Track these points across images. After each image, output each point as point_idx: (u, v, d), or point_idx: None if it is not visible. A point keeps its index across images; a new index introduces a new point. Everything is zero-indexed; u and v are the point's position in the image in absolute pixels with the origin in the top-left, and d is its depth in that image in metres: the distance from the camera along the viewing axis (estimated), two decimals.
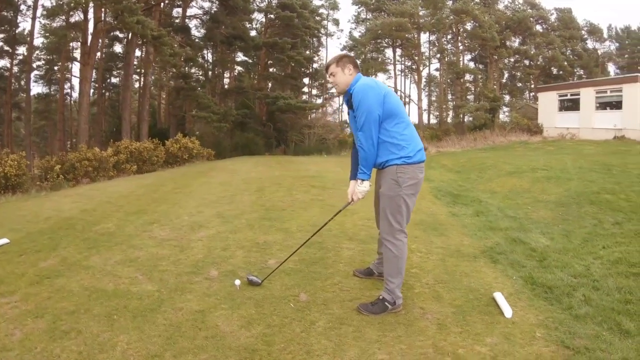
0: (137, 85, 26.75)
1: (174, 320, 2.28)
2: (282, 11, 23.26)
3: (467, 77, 30.77)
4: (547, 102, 20.25)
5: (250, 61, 27.34)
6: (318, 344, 2.08)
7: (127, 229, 4.02)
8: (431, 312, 2.53)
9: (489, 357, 2.07)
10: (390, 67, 31.87)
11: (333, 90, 35.20)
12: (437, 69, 32.73)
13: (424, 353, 2.07)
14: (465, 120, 28.51)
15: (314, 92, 34.17)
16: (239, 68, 29.10)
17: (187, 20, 25.00)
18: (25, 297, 2.56)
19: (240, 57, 27.71)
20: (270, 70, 26.90)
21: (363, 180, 2.51)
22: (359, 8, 32.19)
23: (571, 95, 19.04)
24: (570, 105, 19.26)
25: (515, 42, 29.93)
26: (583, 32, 32.33)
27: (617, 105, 16.73)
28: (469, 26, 27.67)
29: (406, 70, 32.95)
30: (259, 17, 27.54)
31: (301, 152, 20.81)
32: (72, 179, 10.24)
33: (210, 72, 26.40)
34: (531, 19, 28.19)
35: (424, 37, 30.10)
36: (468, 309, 2.59)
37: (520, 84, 33.37)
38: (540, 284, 3.03)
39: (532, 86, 32.18)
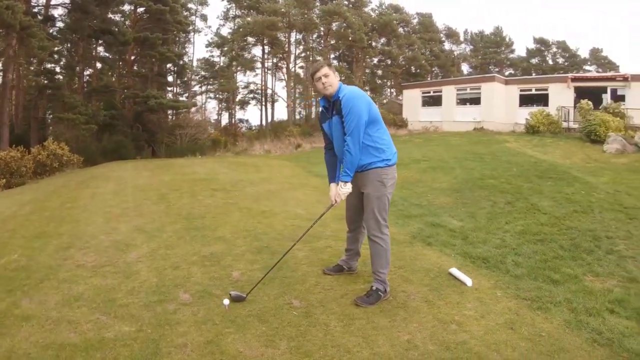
0: None
1: None
2: (154, 4, 21.55)
3: None
4: (412, 98, 23.79)
5: (111, 57, 24.50)
6: (349, 342, 2.22)
7: (41, 259, 3.33)
8: (412, 293, 2.93)
9: (478, 316, 2.58)
10: (258, 64, 32.76)
11: (196, 88, 34.43)
12: (301, 67, 34.86)
13: (434, 325, 2.44)
14: None
15: (177, 90, 32.56)
16: (99, 64, 25.73)
17: (50, 9, 21.12)
18: None
19: (101, 52, 24.67)
20: (136, 67, 24.61)
21: (346, 182, 2.74)
22: (228, 5, 32.01)
23: (434, 92, 22.74)
24: (433, 101, 22.96)
25: (380, 43, 34.20)
26: (442, 35, 39.04)
27: (475, 100, 20.70)
28: (334, 26, 30.22)
29: (274, 68, 34.17)
30: (127, 9, 24.89)
31: (174, 154, 19.79)
32: None
33: (74, 69, 22.71)
34: (395, 22, 32.58)
35: (292, 36, 31.76)
36: (437, 285, 3.09)
37: (380, 82, 38.27)
38: (476, 257, 3.79)
39: (392, 83, 37.19)
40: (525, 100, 19.69)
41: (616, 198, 5.65)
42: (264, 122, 33.40)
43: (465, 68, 41.19)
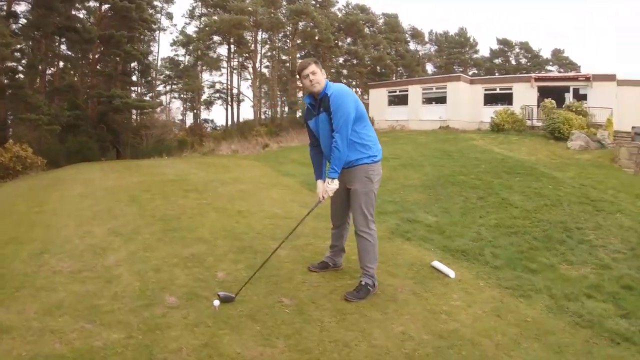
0: None
1: None
2: (120, 1, 20.76)
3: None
4: (378, 97, 24.23)
5: (74, 56, 23.44)
6: (346, 337, 2.27)
7: (15, 267, 3.14)
8: (399, 286, 3.03)
9: (466, 306, 2.71)
10: (224, 64, 32.49)
11: (160, 88, 33.72)
12: (267, 66, 34.93)
13: (425, 316, 2.54)
14: (298, 115, 31.24)
15: (140, 90, 31.67)
16: (62, 63, 24.57)
17: (13, 5, 19.86)
18: None
19: (64, 50, 23.50)
20: (99, 66, 23.72)
21: (333, 178, 2.79)
22: (194, 3, 31.54)
23: (400, 91, 23.27)
24: (399, 100, 23.47)
25: (346, 43, 34.65)
26: (407, 35, 39.89)
27: (441, 100, 21.29)
28: (301, 26, 30.38)
29: (240, 68, 33.97)
30: (92, 6, 23.88)
31: (139, 155, 19.32)
32: None
33: (37, 68, 21.54)
34: (362, 22, 33.07)
35: (258, 35, 31.76)
36: (422, 278, 3.21)
37: (345, 81, 38.84)
38: (455, 250, 3.96)
39: (357, 83, 37.82)
40: (490, 99, 20.52)
41: (583, 192, 6.04)
42: (229, 122, 33.13)
43: (429, 68, 42.40)
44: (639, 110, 16.53)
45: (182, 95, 34.57)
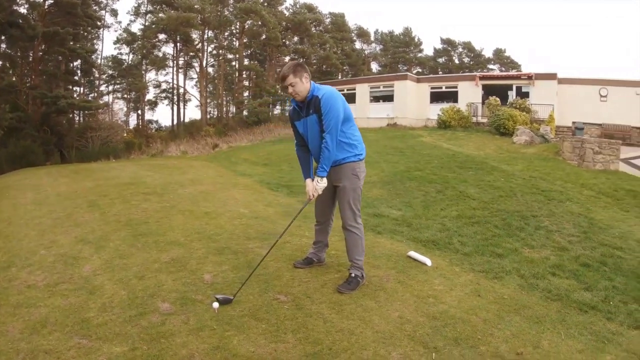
0: None
1: None
2: None
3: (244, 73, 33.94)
4: None
5: (13, 54, 21.42)
6: (350, 326, 2.43)
7: None
8: (384, 276, 3.26)
9: (448, 289, 3.00)
10: (170, 62, 31.85)
11: (103, 88, 31.97)
12: (212, 65, 34.48)
13: (414, 301, 2.79)
14: (244, 114, 31.18)
15: (83, 90, 29.82)
16: (0, 62, 22.27)
17: None
18: None
19: (3, 48, 21.36)
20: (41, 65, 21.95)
21: (322, 177, 2.95)
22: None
23: (348, 90, 23.89)
24: (347, 98, 23.94)
25: (293, 42, 34.91)
26: (353, 34, 40.80)
27: (389, 98, 22.20)
28: (248, 24, 30.25)
29: (186, 67, 33.28)
30: (35, 1, 21.84)
31: (85, 158, 18.31)
32: None
33: None
34: (309, 21, 33.46)
35: (198, 34, 31.21)
36: (402, 268, 3.47)
37: None
38: (425, 241, 4.29)
39: None
40: (436, 97, 21.80)
41: (533, 183, 6.72)
42: (175, 123, 32.22)
43: (374, 67, 43.98)
44: (578, 106, 18.41)
45: (125, 96, 33.15)
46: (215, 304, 2.65)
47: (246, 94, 35.10)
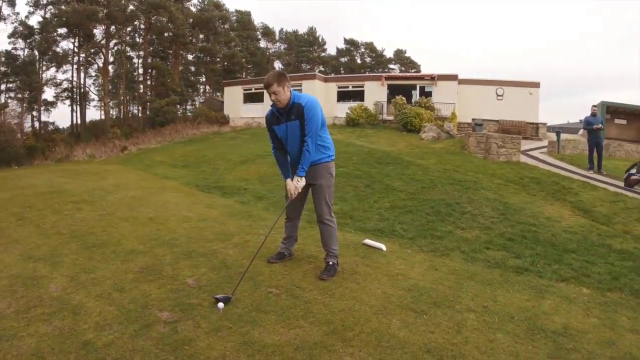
0: None
1: None
2: None
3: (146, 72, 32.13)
4: (233, 95, 24.67)
5: None
6: (347, 305, 2.86)
7: None
8: (353, 262, 3.77)
9: (409, 268, 3.63)
10: (69, 59, 28.65)
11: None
12: (112, 63, 31.93)
13: (388, 280, 3.35)
14: (148, 114, 29.67)
15: None
16: None
17: None
18: None
19: None
20: None
21: (302, 176, 3.35)
22: None
23: (255, 89, 24.05)
24: (254, 97, 24.26)
25: (199, 40, 33.75)
26: (258, 33, 40.62)
27: None
28: (153, 20, 28.58)
29: (86, 64, 30.13)
30: None
31: None
32: None
33: None
34: (216, 18, 32.62)
35: (101, 30, 28.64)
36: (363, 254, 4.03)
37: (194, 78, 38.09)
38: (372, 230, 4.93)
39: (206, 80, 37.45)
40: (343, 96, 23.25)
41: (448, 175, 7.89)
42: (75, 124, 28.97)
43: (278, 65, 44.68)
44: (477, 104, 21.31)
45: (18, 95, 28.74)
46: (220, 305, 2.78)
47: (149, 93, 33.03)
